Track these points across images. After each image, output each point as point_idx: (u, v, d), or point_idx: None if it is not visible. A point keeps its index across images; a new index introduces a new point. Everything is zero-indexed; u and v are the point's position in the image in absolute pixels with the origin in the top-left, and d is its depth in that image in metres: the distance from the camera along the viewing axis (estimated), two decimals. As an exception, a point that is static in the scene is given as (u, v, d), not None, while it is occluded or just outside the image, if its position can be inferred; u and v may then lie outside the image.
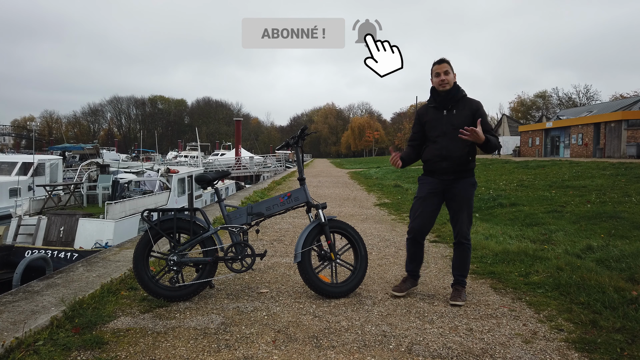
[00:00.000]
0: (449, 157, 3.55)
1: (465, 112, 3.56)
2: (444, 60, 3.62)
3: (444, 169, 3.58)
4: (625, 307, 3.27)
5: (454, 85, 3.62)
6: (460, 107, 3.59)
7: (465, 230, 3.68)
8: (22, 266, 7.84)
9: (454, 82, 3.61)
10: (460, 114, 3.56)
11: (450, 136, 3.54)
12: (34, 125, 46.11)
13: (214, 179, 3.82)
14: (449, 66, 3.59)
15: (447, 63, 3.61)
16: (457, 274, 3.75)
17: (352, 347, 2.77)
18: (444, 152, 3.56)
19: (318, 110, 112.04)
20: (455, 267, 3.77)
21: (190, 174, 16.19)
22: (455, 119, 3.56)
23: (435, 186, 3.66)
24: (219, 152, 59.06)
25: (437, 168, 3.62)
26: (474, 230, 6.94)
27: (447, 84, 3.58)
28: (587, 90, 66.74)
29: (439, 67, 3.60)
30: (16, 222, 11.20)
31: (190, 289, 3.56)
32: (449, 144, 3.55)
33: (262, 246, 5.62)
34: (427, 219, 3.70)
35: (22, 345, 2.60)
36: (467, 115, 3.55)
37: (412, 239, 3.77)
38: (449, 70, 3.59)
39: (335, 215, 4.20)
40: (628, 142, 27.99)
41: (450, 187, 3.62)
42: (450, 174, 3.59)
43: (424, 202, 3.69)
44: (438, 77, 3.60)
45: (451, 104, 3.60)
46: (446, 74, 3.57)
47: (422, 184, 3.76)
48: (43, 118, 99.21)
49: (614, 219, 7.81)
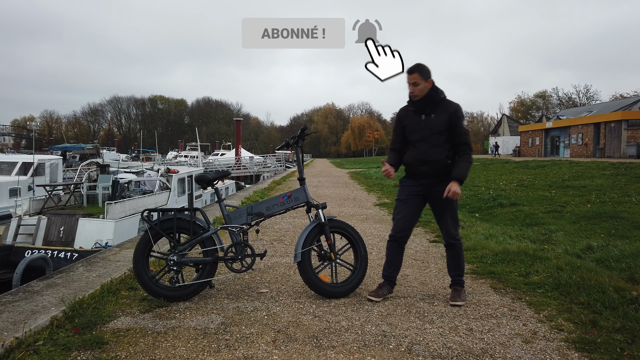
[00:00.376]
0: (428, 161, 3.55)
1: (444, 117, 3.53)
2: (414, 69, 3.54)
3: (424, 172, 3.59)
4: (625, 307, 3.27)
5: (431, 89, 3.55)
6: (438, 111, 3.55)
7: (452, 231, 3.67)
8: (22, 266, 7.84)
9: (428, 89, 3.54)
10: (439, 118, 3.54)
11: (429, 141, 3.55)
12: (34, 125, 46.14)
13: (214, 179, 3.81)
14: (418, 76, 3.51)
15: (418, 72, 3.52)
16: (453, 274, 3.75)
17: (352, 347, 2.77)
18: (424, 157, 3.55)
19: (318, 110, 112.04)
20: (451, 268, 3.77)
21: (190, 174, 16.19)
22: (434, 123, 3.54)
23: (415, 189, 3.66)
24: (219, 152, 59.07)
25: (418, 172, 3.62)
26: (474, 230, 6.94)
27: (415, 97, 3.56)
28: (587, 90, 66.89)
29: (409, 77, 3.55)
30: (16, 222, 11.21)
31: (190, 289, 3.56)
32: (428, 149, 3.55)
33: (262, 246, 5.62)
34: (409, 221, 3.70)
35: (22, 345, 2.60)
36: (445, 120, 3.53)
37: (394, 242, 3.75)
38: (417, 81, 3.51)
39: (335, 215, 4.20)
40: (628, 142, 28.00)
41: (432, 190, 3.61)
42: (430, 177, 3.59)
43: (404, 204, 3.69)
44: (409, 86, 3.58)
45: (429, 108, 3.57)
46: (415, 85, 3.52)
47: (402, 186, 3.76)
48: (43, 118, 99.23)
49: (614, 219, 7.81)
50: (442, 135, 3.54)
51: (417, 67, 3.54)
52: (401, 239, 3.73)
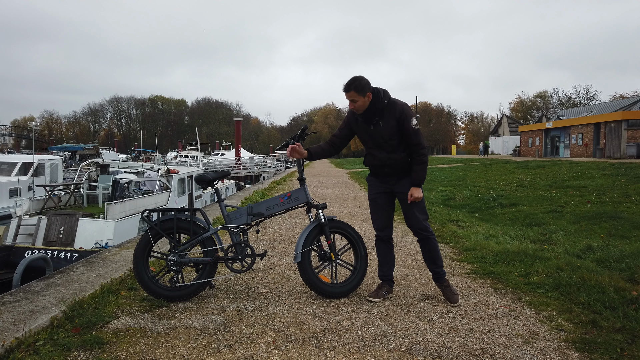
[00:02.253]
0: (388, 164, 3.61)
1: (391, 122, 3.50)
2: (349, 87, 3.47)
3: (387, 173, 3.66)
4: (625, 307, 3.27)
5: (373, 100, 3.49)
6: (385, 118, 3.52)
7: (422, 224, 3.65)
8: (22, 266, 7.84)
9: (368, 102, 3.49)
10: (387, 125, 3.52)
11: (384, 147, 3.58)
12: (34, 125, 46.09)
13: (214, 179, 3.82)
14: (354, 93, 3.45)
15: (353, 89, 3.45)
16: (433, 267, 3.73)
17: (352, 347, 2.77)
18: (384, 161, 3.62)
19: (318, 110, 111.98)
20: (429, 261, 3.75)
21: (190, 174, 16.20)
22: (383, 131, 3.53)
23: (381, 186, 3.73)
24: (219, 152, 59.05)
25: (380, 172, 3.70)
26: (474, 230, 6.94)
27: (359, 111, 3.55)
28: (587, 90, 66.78)
29: (346, 95, 3.51)
30: (16, 222, 11.21)
31: (190, 289, 3.56)
32: (385, 156, 3.60)
33: (262, 246, 5.62)
34: (384, 217, 3.76)
35: (22, 345, 2.60)
36: (393, 125, 3.51)
37: (380, 241, 3.81)
38: (355, 97, 3.47)
39: (335, 215, 4.20)
40: (628, 142, 27.99)
41: (395, 186, 3.67)
42: (393, 176, 3.66)
43: (375, 203, 3.78)
44: (350, 104, 3.55)
45: (375, 117, 3.54)
46: (354, 102, 3.49)
47: (370, 185, 3.85)
48: (43, 118, 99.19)
49: (614, 219, 7.81)
50: (394, 140, 3.55)
51: (352, 84, 3.46)
52: (385, 236, 3.79)
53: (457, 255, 5.27)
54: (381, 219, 3.77)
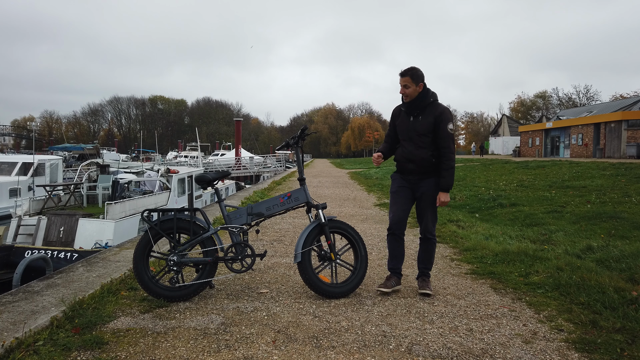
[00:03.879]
0: (413, 160, 3.76)
1: (430, 119, 3.70)
2: (406, 73, 3.70)
3: (411, 169, 3.81)
4: (625, 308, 3.27)
5: (422, 92, 3.71)
6: (426, 114, 3.72)
7: (431, 226, 3.87)
8: (22, 266, 7.84)
9: (418, 92, 3.70)
10: (425, 121, 3.71)
11: (414, 141, 3.75)
12: (34, 125, 46.04)
13: (214, 179, 3.82)
14: (409, 79, 3.68)
15: (409, 76, 3.68)
16: (422, 267, 3.93)
17: (352, 348, 2.77)
18: (409, 156, 3.77)
19: (318, 110, 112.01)
20: (421, 260, 3.93)
21: (190, 174, 16.20)
22: (419, 125, 3.72)
23: (404, 182, 3.88)
24: (219, 152, 59.04)
25: (405, 168, 3.85)
26: (474, 230, 6.94)
27: (407, 97, 3.74)
28: (587, 90, 66.73)
29: (401, 79, 3.73)
30: (16, 222, 11.20)
31: (190, 289, 3.56)
32: (413, 150, 3.76)
33: (262, 246, 5.62)
34: (402, 210, 3.87)
35: (22, 345, 2.60)
36: (430, 122, 3.69)
37: (392, 234, 3.92)
38: (408, 84, 3.69)
39: (335, 215, 4.21)
40: (628, 143, 28.00)
41: (417, 186, 3.82)
42: (416, 174, 3.80)
43: (397, 195, 3.90)
44: (401, 88, 3.76)
45: (417, 111, 3.74)
46: (406, 87, 3.70)
47: (393, 180, 3.99)
48: (43, 118, 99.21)
49: (614, 219, 7.81)
50: (427, 137, 3.71)
51: (410, 71, 3.70)
52: (397, 230, 3.88)
53: (457, 256, 5.28)
54: (400, 211, 3.85)
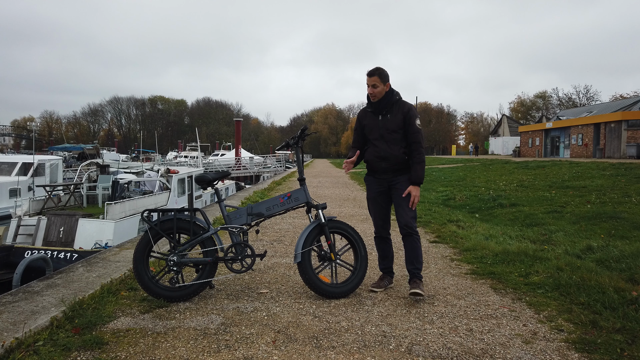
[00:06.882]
0: (387, 157, 3.80)
1: (399, 116, 3.78)
2: (374, 72, 3.76)
3: (384, 168, 3.84)
4: (625, 308, 3.27)
5: (388, 91, 3.80)
6: (394, 111, 3.80)
7: (410, 221, 3.78)
8: (22, 266, 7.84)
9: (385, 91, 3.78)
10: (394, 118, 3.79)
11: (386, 139, 3.80)
12: (34, 125, 46.08)
13: (214, 180, 3.82)
14: (378, 79, 3.75)
15: (377, 75, 3.75)
16: (411, 268, 3.79)
17: (352, 348, 2.77)
18: (382, 154, 3.81)
19: (318, 110, 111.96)
20: (409, 261, 3.81)
21: (190, 174, 16.20)
22: (389, 123, 3.80)
23: (378, 185, 3.91)
24: (219, 152, 59.03)
25: (378, 168, 3.88)
26: (474, 230, 6.94)
27: (374, 97, 3.80)
28: (587, 90, 66.72)
29: (369, 79, 3.79)
30: (16, 223, 11.20)
31: (190, 289, 3.56)
32: (385, 147, 3.80)
33: (262, 246, 5.62)
34: (383, 215, 3.95)
35: (22, 345, 2.60)
36: (399, 119, 3.78)
37: (378, 237, 4.02)
38: (377, 83, 3.76)
39: (335, 215, 4.21)
40: (628, 143, 27.99)
41: (391, 183, 3.85)
42: (389, 172, 3.84)
43: (374, 201, 3.96)
44: (368, 88, 3.81)
45: (385, 109, 3.82)
46: (374, 87, 3.77)
47: (368, 184, 4.03)
48: (43, 118, 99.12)
49: (614, 219, 7.81)
50: (397, 134, 3.78)
51: (377, 71, 3.77)
52: (383, 233, 3.99)
53: (457, 256, 5.27)
54: (381, 215, 3.95)
